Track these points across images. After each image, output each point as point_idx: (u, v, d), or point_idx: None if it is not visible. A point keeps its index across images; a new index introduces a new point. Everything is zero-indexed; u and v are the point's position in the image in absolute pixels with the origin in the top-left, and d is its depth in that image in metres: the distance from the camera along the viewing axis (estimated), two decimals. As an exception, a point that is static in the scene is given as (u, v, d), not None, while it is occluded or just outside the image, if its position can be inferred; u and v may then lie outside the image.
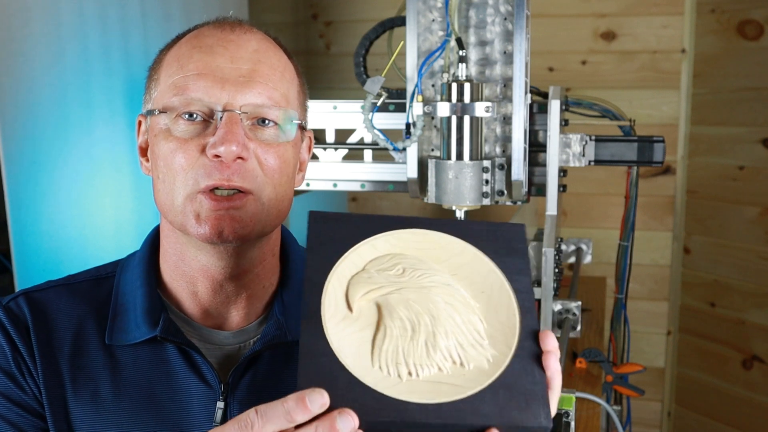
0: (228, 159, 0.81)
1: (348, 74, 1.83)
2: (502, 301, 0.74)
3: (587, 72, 2.73)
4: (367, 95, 1.56)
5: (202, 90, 0.82)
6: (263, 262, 0.91)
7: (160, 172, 0.85)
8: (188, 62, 0.84)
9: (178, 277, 0.90)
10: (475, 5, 1.54)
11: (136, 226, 1.85)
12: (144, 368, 0.87)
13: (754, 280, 2.50)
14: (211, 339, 0.90)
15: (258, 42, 0.87)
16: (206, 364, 0.87)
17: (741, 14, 2.45)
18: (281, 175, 0.86)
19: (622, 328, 1.88)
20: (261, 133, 0.85)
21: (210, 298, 0.89)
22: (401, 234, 0.77)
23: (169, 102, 0.84)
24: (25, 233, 1.56)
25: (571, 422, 1.22)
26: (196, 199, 0.82)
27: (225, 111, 0.82)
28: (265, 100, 0.84)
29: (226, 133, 0.81)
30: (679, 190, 2.70)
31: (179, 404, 0.86)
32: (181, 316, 0.90)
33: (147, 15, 1.89)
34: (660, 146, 1.57)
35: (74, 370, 0.87)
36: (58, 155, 1.64)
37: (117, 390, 0.86)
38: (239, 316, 0.91)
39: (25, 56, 1.55)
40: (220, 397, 0.86)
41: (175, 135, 0.83)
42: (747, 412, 2.55)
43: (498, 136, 1.58)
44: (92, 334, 0.89)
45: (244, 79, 0.83)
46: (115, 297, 0.91)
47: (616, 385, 1.71)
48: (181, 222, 0.84)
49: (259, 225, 0.85)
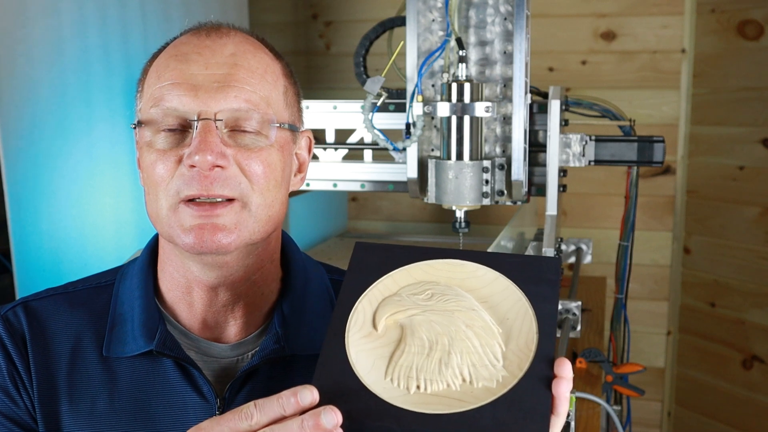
0: (204, 168, 0.79)
1: (348, 74, 1.83)
2: (524, 327, 0.75)
3: (587, 72, 2.73)
4: (367, 95, 1.56)
5: (176, 99, 0.81)
6: (261, 269, 0.89)
7: (145, 184, 0.85)
8: (165, 72, 0.83)
9: (174, 288, 0.89)
10: (475, 5, 1.54)
11: (136, 226, 1.85)
12: (140, 381, 0.86)
13: (754, 280, 2.50)
14: (209, 351, 0.89)
15: (236, 45, 0.85)
16: (203, 378, 0.86)
17: (741, 14, 2.45)
18: (267, 180, 0.84)
19: (622, 328, 1.88)
20: (241, 139, 0.83)
21: (206, 308, 0.88)
22: (437, 263, 0.80)
23: (149, 114, 0.83)
24: (25, 233, 1.56)
25: (571, 422, 1.22)
26: (178, 209, 0.81)
27: (199, 120, 0.80)
28: (242, 104, 0.82)
29: (200, 142, 0.79)
30: (679, 190, 2.70)
31: (175, 418, 0.85)
32: (179, 327, 0.89)
33: (147, 15, 1.89)
34: (660, 146, 1.57)
35: (71, 383, 0.86)
36: (58, 155, 1.64)
37: (113, 403, 0.85)
38: (238, 326, 0.90)
39: (25, 56, 1.55)
40: (216, 412, 0.85)
41: (156, 147, 0.82)
42: (747, 412, 2.55)
43: (498, 136, 1.58)
44: (90, 345, 0.88)
45: (218, 84, 0.82)
46: (114, 307, 0.90)
47: (616, 385, 1.71)
48: (168, 233, 0.83)
49: (245, 232, 0.83)
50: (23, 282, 1.55)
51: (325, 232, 2.59)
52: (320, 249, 2.41)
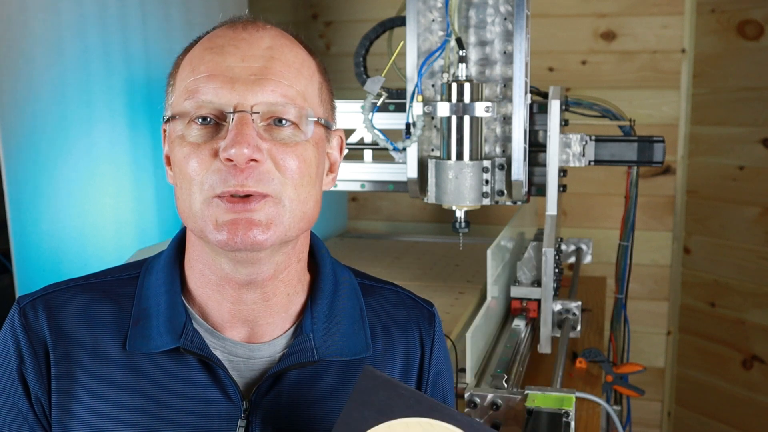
0: (240, 162, 0.77)
1: (348, 74, 1.83)
2: None
3: (587, 72, 2.73)
4: (367, 95, 1.56)
5: (212, 92, 0.80)
6: (287, 268, 0.87)
7: (177, 179, 0.83)
8: (199, 64, 0.82)
9: (203, 285, 0.87)
10: (475, 5, 1.54)
11: (136, 226, 1.85)
12: (164, 378, 0.84)
13: (754, 280, 2.50)
14: (236, 352, 0.87)
15: (272, 39, 0.84)
16: (229, 380, 0.84)
17: (741, 14, 2.45)
18: (302, 176, 0.82)
19: (622, 328, 1.88)
20: (277, 134, 0.81)
21: (235, 306, 0.86)
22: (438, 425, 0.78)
23: (182, 107, 0.81)
24: (25, 233, 1.56)
25: (571, 422, 1.21)
26: (212, 203, 0.79)
27: (236, 112, 0.79)
28: (279, 98, 0.80)
29: (236, 135, 0.77)
30: (679, 190, 2.70)
31: (199, 419, 0.84)
32: (205, 325, 0.87)
33: (147, 15, 1.89)
34: (660, 146, 1.57)
35: (92, 378, 0.84)
36: (58, 155, 1.64)
37: (135, 399, 0.84)
38: (266, 326, 0.88)
39: (25, 56, 1.55)
40: (242, 415, 0.84)
41: (189, 140, 0.81)
42: (747, 412, 2.55)
43: (498, 136, 1.58)
44: (112, 340, 0.86)
45: (255, 77, 0.80)
46: (138, 301, 0.88)
47: (616, 385, 1.71)
48: (201, 228, 0.81)
49: (280, 228, 0.81)
50: (23, 282, 1.55)
51: (325, 232, 2.59)
52: (320, 249, 2.41)
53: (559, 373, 1.43)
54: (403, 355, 0.94)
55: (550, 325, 1.56)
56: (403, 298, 0.99)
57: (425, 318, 0.98)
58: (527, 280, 1.65)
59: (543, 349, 1.57)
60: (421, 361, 0.95)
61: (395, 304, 0.98)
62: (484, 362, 1.49)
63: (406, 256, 2.32)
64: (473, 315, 1.63)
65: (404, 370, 0.94)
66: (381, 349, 0.93)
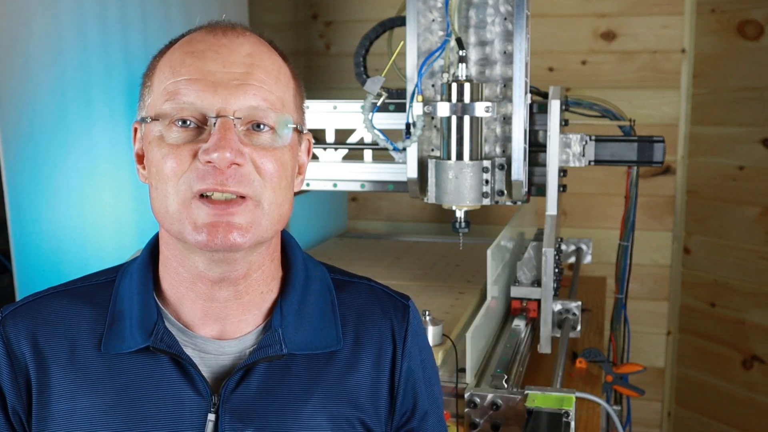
0: (221, 165, 0.79)
1: (348, 74, 1.83)
2: None
3: (587, 72, 2.73)
4: (367, 95, 1.56)
5: (194, 95, 0.81)
6: (261, 267, 0.90)
7: (153, 179, 0.84)
8: (180, 68, 0.83)
9: (176, 284, 0.89)
10: (475, 5, 1.54)
11: (136, 226, 1.85)
12: (137, 377, 0.87)
13: (754, 280, 2.50)
14: (207, 349, 0.89)
15: (251, 45, 0.86)
16: (199, 376, 0.86)
17: (741, 14, 2.45)
18: (280, 179, 0.84)
19: (622, 328, 1.88)
20: (257, 138, 0.83)
21: (207, 304, 0.89)
22: None
23: (162, 108, 0.83)
24: (25, 233, 1.56)
25: (571, 422, 1.22)
26: (191, 206, 0.81)
27: (218, 117, 0.81)
28: (260, 103, 0.83)
29: (219, 139, 0.79)
30: (679, 190, 2.70)
31: (171, 415, 0.86)
32: (177, 324, 0.89)
33: (147, 15, 1.89)
34: (660, 146, 1.57)
35: (70, 382, 0.87)
36: (58, 155, 1.64)
37: (111, 399, 0.86)
38: (236, 324, 0.90)
39: (25, 56, 1.55)
40: (211, 409, 0.86)
41: (168, 142, 0.82)
42: (747, 412, 2.55)
43: (498, 136, 1.58)
44: (89, 343, 0.89)
45: (237, 83, 0.82)
46: (113, 303, 0.91)
47: (616, 385, 1.71)
48: (178, 230, 0.82)
49: (258, 230, 0.83)
50: (23, 282, 1.55)
51: (325, 232, 2.59)
52: (320, 249, 2.41)
53: (559, 373, 1.43)
54: (375, 349, 0.95)
55: (550, 325, 1.56)
56: (377, 293, 1.01)
57: (399, 311, 0.99)
58: (527, 280, 1.65)
59: (543, 349, 1.57)
60: (393, 355, 0.96)
61: (368, 299, 0.99)
62: (484, 362, 1.49)
63: (406, 256, 2.32)
64: (473, 315, 1.63)
65: (376, 363, 0.95)
66: (352, 343, 0.94)
